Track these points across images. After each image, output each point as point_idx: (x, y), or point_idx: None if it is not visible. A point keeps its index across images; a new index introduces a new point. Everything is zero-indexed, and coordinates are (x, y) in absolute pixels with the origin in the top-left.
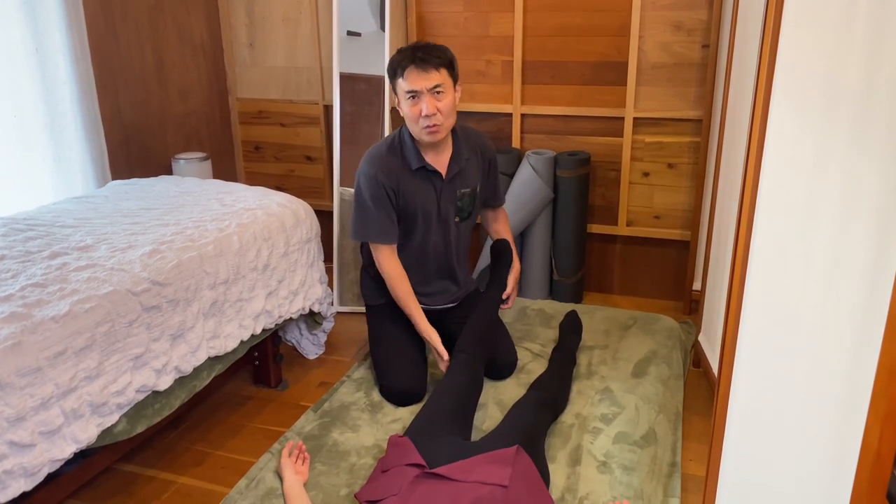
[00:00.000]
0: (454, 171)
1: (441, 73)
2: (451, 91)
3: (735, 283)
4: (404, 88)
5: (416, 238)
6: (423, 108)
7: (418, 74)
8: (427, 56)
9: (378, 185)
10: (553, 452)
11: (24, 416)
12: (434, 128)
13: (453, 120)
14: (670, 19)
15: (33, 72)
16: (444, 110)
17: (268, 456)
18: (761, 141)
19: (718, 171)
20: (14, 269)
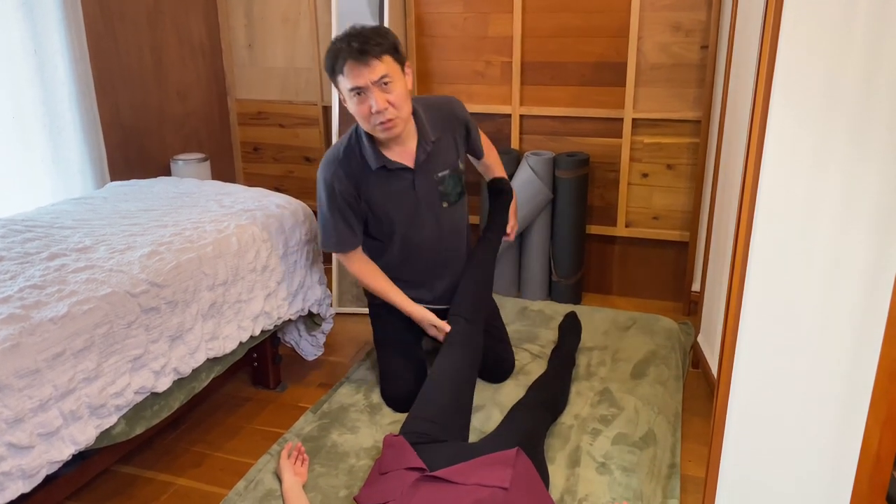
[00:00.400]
0: (422, 158)
1: (385, 61)
2: (399, 78)
3: (735, 283)
4: (347, 86)
5: (398, 238)
6: (372, 104)
7: (359, 68)
8: (365, 45)
9: (333, 191)
10: (552, 453)
11: (22, 418)
12: (388, 123)
13: (409, 108)
14: (669, 20)
15: (32, 73)
16: (397, 102)
17: (266, 457)
18: (761, 141)
19: (717, 172)
20: (12, 271)
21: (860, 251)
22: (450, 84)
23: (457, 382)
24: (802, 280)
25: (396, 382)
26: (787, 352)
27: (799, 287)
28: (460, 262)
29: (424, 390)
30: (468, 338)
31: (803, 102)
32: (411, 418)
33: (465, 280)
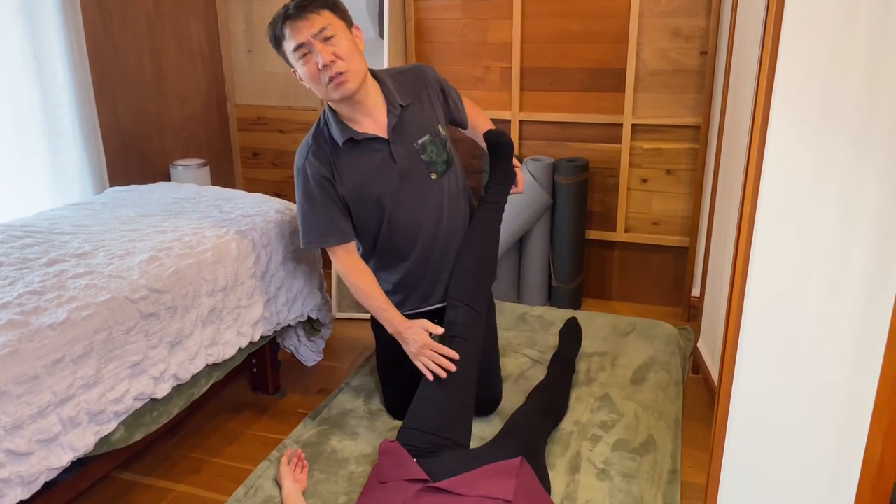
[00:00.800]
0: (393, 123)
1: (323, 15)
2: (344, 33)
3: (735, 292)
4: (290, 48)
5: (388, 224)
6: (318, 60)
7: (298, 25)
8: (302, 3)
9: (307, 177)
10: (552, 460)
11: (21, 425)
12: (339, 77)
13: (360, 63)
14: (668, 26)
15: (31, 78)
16: (343, 53)
17: (266, 463)
18: (761, 150)
19: (717, 178)
20: (12, 277)
21: (861, 259)
22: None
23: (455, 384)
24: (803, 288)
25: (397, 390)
26: (789, 359)
27: (800, 295)
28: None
29: (419, 396)
30: (467, 328)
31: (803, 112)
32: (406, 429)
33: (462, 254)
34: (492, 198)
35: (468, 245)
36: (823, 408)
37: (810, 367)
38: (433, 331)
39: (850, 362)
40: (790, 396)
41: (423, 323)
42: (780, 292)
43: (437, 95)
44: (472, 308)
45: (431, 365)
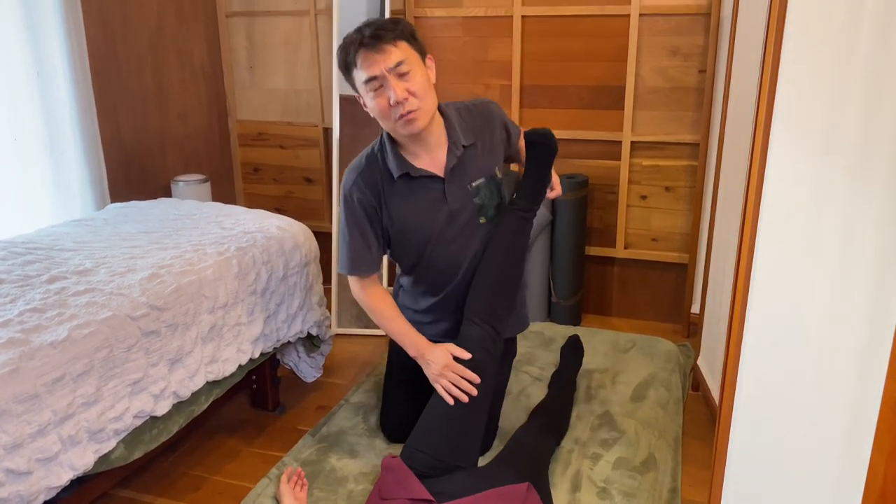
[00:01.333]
0: (452, 164)
1: (400, 46)
2: (419, 66)
3: (736, 313)
4: (362, 79)
5: (425, 262)
6: (391, 94)
7: (373, 56)
8: (378, 32)
9: (352, 201)
10: (553, 478)
11: (21, 444)
12: (410, 115)
13: (433, 100)
14: (667, 45)
15: (34, 94)
16: (418, 91)
17: (265, 481)
18: (761, 176)
19: (717, 194)
20: (13, 294)
21: (862, 282)
22: None
23: (466, 407)
24: (804, 311)
25: (395, 414)
26: (790, 383)
27: (801, 320)
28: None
29: (428, 416)
30: (483, 348)
31: (804, 138)
32: (411, 450)
33: (484, 267)
34: (523, 205)
35: (491, 256)
36: (825, 430)
37: (811, 390)
38: (459, 355)
39: (851, 386)
40: (792, 421)
41: (449, 346)
42: (781, 315)
43: (500, 134)
44: (491, 326)
45: (452, 388)
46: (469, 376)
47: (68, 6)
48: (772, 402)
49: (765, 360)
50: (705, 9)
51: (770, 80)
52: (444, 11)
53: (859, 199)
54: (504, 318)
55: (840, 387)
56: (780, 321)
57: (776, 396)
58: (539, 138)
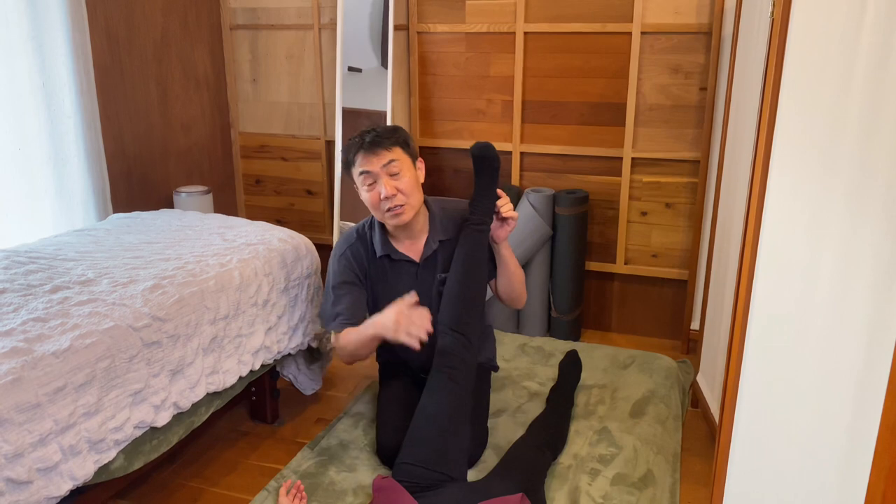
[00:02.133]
0: (427, 254)
1: (394, 151)
2: (408, 168)
3: (736, 333)
4: (357, 172)
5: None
6: (381, 190)
7: (369, 157)
8: (376, 139)
9: (342, 268)
10: (551, 493)
11: (21, 453)
12: (397, 209)
13: (419, 197)
14: (668, 62)
15: (39, 105)
16: (405, 188)
17: (264, 493)
18: (761, 200)
19: (717, 211)
20: (16, 303)
21: (861, 303)
22: (451, 121)
23: (448, 414)
24: (804, 332)
25: (387, 432)
26: (790, 403)
27: (800, 340)
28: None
29: (413, 429)
30: (457, 357)
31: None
32: (401, 465)
33: (448, 283)
34: (475, 219)
35: (455, 271)
36: (824, 453)
37: (811, 412)
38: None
39: (850, 406)
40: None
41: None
42: (781, 336)
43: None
44: (461, 333)
45: (413, 329)
46: (420, 313)
47: (74, 17)
48: (772, 421)
49: (764, 381)
50: (706, 27)
51: (771, 102)
52: (447, 27)
53: (857, 219)
54: (473, 325)
55: (838, 407)
56: (780, 342)
57: (776, 416)
58: (479, 151)
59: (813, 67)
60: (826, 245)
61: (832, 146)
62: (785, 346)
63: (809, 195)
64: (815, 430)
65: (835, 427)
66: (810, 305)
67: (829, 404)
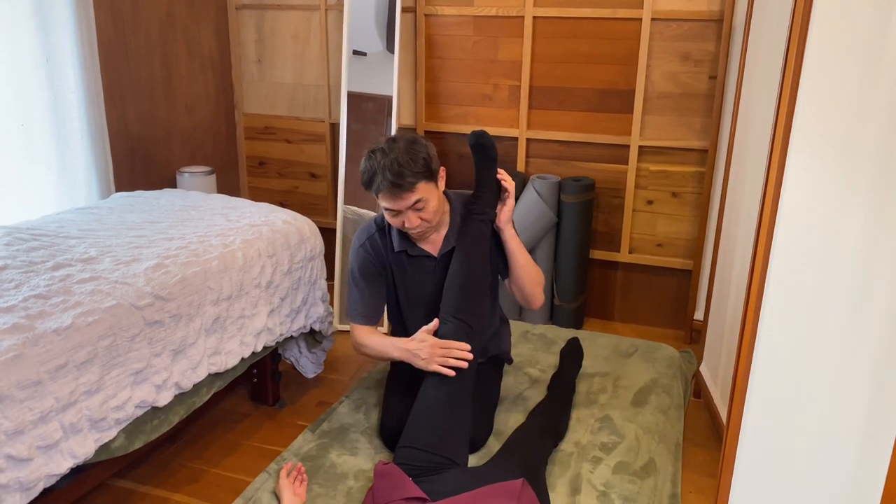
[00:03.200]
0: (446, 248)
1: (418, 189)
2: (434, 195)
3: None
4: (381, 204)
5: (418, 325)
6: (405, 222)
7: (394, 199)
8: (400, 179)
9: (358, 259)
10: (553, 480)
11: (22, 430)
12: (420, 233)
13: (441, 212)
14: (678, 50)
15: (42, 81)
16: (430, 217)
17: (264, 476)
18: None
19: (724, 201)
20: (17, 280)
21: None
22: (458, 106)
23: (450, 399)
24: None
25: (392, 415)
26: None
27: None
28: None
29: (415, 414)
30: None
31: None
32: (403, 448)
33: (451, 272)
34: (477, 209)
35: (458, 260)
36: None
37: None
38: (432, 328)
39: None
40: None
41: (418, 333)
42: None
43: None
44: (463, 321)
45: (448, 362)
46: (455, 345)
47: None
48: (782, 414)
49: (776, 372)
50: (718, 15)
51: (791, 87)
52: (455, 10)
53: (880, 209)
54: (475, 313)
55: (854, 400)
56: (794, 332)
57: (787, 407)
58: (474, 140)
59: (836, 52)
60: (846, 235)
61: (855, 133)
62: (799, 337)
63: (829, 183)
64: (827, 425)
65: (850, 421)
66: (827, 296)
67: (844, 397)
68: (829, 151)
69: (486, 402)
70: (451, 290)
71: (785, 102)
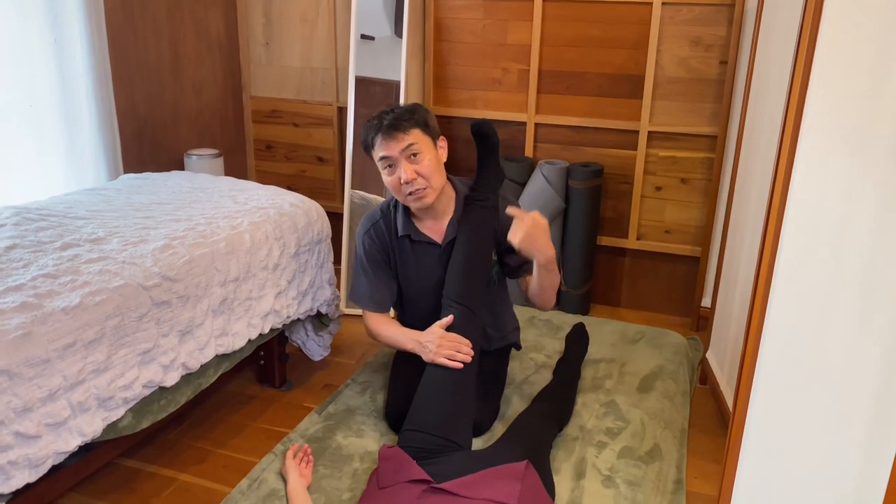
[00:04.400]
0: (450, 236)
1: (412, 133)
2: (429, 150)
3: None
4: (377, 157)
5: (421, 313)
6: (401, 174)
7: (388, 141)
8: (395, 121)
9: (363, 249)
10: (557, 464)
11: (31, 407)
12: (418, 193)
13: (440, 179)
14: (689, 34)
15: (50, 62)
16: (425, 172)
17: (270, 457)
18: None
19: (733, 188)
20: (26, 259)
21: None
22: (466, 90)
23: (454, 383)
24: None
25: (398, 398)
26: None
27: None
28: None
29: (419, 398)
30: (461, 328)
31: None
32: (407, 431)
33: (453, 257)
34: (479, 195)
35: (460, 245)
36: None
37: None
38: (444, 324)
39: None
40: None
41: (432, 327)
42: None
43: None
44: (465, 306)
45: (454, 355)
46: (461, 340)
47: None
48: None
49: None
50: None
51: (804, 64)
52: None
53: (893, 194)
54: (477, 298)
55: (862, 389)
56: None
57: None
58: (476, 128)
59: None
60: (856, 221)
61: (868, 118)
62: (807, 324)
63: (841, 169)
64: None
65: (857, 408)
66: (837, 283)
67: (851, 385)
68: (841, 136)
69: (493, 387)
70: (454, 276)
71: (797, 87)
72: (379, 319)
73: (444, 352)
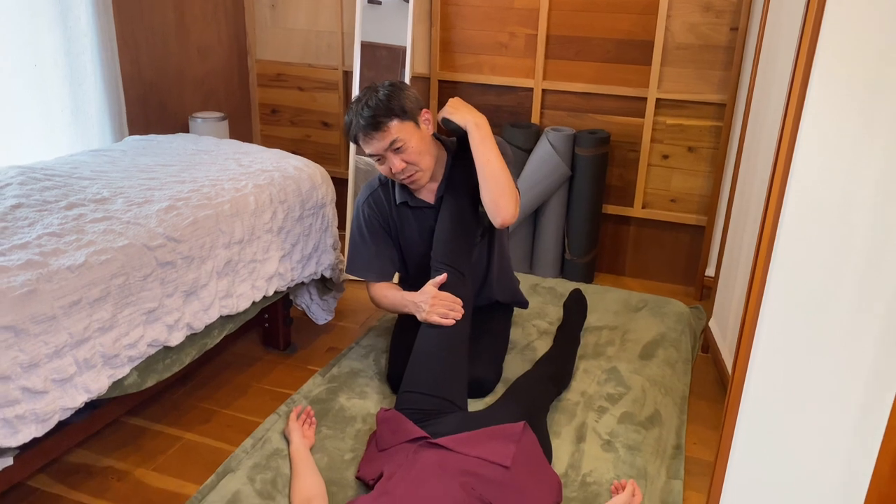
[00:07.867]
0: (440, 193)
1: (391, 128)
2: (412, 135)
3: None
4: (365, 151)
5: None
6: (392, 167)
7: (370, 140)
8: (372, 121)
9: (362, 217)
10: (557, 428)
11: (37, 363)
12: (410, 178)
13: (430, 158)
14: (700, 0)
15: (54, 22)
16: (413, 159)
17: (274, 417)
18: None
19: (740, 157)
20: (31, 218)
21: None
22: (473, 55)
23: (447, 344)
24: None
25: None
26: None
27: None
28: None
29: (413, 360)
30: (452, 289)
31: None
32: (404, 393)
33: (440, 219)
34: (462, 154)
35: (446, 207)
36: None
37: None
38: (437, 282)
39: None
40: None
41: (425, 286)
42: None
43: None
44: (454, 268)
45: (446, 314)
46: (454, 299)
47: None
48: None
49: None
50: None
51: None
52: None
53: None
54: (465, 259)
55: (862, 357)
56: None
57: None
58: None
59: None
60: (860, 192)
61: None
62: (809, 292)
63: (846, 137)
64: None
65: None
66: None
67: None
68: (847, 104)
69: (496, 348)
70: (441, 239)
71: (804, 52)
72: (379, 287)
73: (438, 310)
